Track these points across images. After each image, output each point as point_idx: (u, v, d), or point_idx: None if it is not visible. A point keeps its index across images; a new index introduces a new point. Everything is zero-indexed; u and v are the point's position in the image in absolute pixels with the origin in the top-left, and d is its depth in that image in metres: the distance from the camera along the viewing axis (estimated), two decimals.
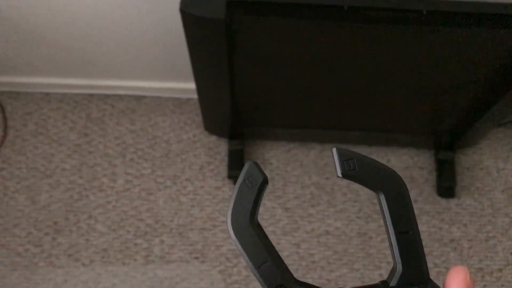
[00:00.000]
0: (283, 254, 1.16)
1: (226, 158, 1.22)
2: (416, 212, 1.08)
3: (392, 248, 0.26)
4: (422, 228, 1.17)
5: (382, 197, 0.26)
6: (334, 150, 0.26)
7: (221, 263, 1.15)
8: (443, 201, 1.21)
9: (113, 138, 1.25)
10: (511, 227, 1.20)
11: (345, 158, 0.26)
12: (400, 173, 1.09)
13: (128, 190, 1.20)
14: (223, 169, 1.22)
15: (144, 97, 1.28)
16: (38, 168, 1.22)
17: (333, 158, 0.27)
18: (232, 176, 1.20)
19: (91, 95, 1.28)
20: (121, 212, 1.19)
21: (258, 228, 0.27)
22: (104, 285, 1.14)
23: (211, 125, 1.19)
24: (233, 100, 0.99)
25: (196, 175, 1.22)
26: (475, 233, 1.19)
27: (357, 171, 0.26)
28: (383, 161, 1.23)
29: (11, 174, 1.21)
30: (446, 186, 1.21)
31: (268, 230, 1.18)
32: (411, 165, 1.24)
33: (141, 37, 1.08)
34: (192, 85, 1.11)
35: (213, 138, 1.24)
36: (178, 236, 1.17)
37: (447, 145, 1.21)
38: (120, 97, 1.28)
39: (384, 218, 0.27)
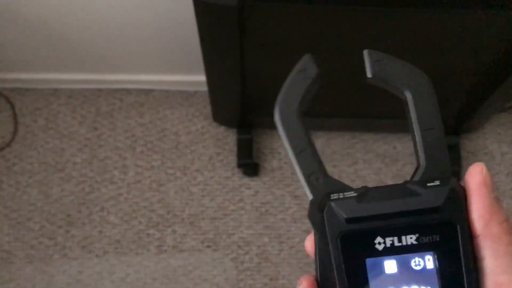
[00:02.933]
0: (294, 241, 1.18)
1: (235, 148, 1.24)
2: None
3: (417, 147, 0.27)
4: None
5: (409, 96, 0.27)
6: (366, 52, 0.27)
7: (233, 251, 1.17)
8: None
9: (123, 131, 1.26)
10: None
11: (375, 59, 0.27)
12: (406, 159, 1.13)
13: (139, 182, 1.22)
14: (232, 159, 1.24)
15: (152, 90, 1.30)
16: (49, 162, 1.24)
17: (364, 60, 0.28)
18: (241, 165, 1.22)
19: (100, 89, 1.30)
20: (133, 203, 1.20)
21: (303, 118, 0.27)
22: (118, 275, 1.15)
23: (220, 115, 1.21)
24: (243, 88, 1.01)
25: (205, 165, 1.24)
26: None
27: (387, 71, 0.27)
28: (389, 147, 1.25)
29: (23, 169, 1.23)
30: (452, 171, 1.23)
31: (278, 217, 1.20)
32: None
33: (148, 30, 1.10)
34: (199, 78, 1.13)
35: (222, 129, 1.26)
36: (189, 225, 1.19)
37: (452, 130, 1.23)
38: (128, 91, 1.30)
39: (409, 118, 0.28)
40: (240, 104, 1.09)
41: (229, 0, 0.76)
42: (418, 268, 0.26)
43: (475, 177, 0.27)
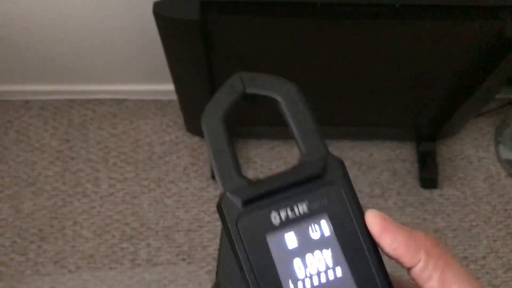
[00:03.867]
0: None
1: (209, 159, 1.22)
2: (399, 204, 1.09)
3: (296, 139, 0.30)
4: (406, 219, 1.18)
5: (281, 99, 0.31)
6: (239, 74, 0.31)
7: (209, 263, 1.15)
8: (426, 192, 1.22)
9: (95, 143, 1.24)
10: (494, 215, 1.21)
11: (249, 78, 0.31)
12: (383, 166, 1.11)
13: (112, 194, 1.20)
14: (207, 169, 1.22)
15: (125, 100, 1.28)
16: (21, 176, 1.21)
17: (240, 80, 0.31)
18: None
19: (72, 100, 1.28)
20: (106, 217, 1.18)
21: (226, 125, 0.30)
22: None
23: (193, 126, 1.19)
24: None
25: (180, 176, 1.22)
26: (459, 223, 1.20)
27: (260, 85, 0.31)
28: (366, 155, 1.24)
29: None
30: (429, 178, 1.22)
31: None
32: (393, 158, 1.25)
33: (119, 40, 1.08)
34: (173, 87, 1.11)
35: (196, 139, 1.24)
36: (164, 238, 1.17)
37: (428, 136, 1.22)
38: (100, 101, 1.28)
39: (285, 117, 0.31)
40: None
41: (192, 14, 0.75)
42: (316, 236, 0.28)
43: (374, 226, 0.28)
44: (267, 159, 1.24)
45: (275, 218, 0.28)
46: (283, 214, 0.28)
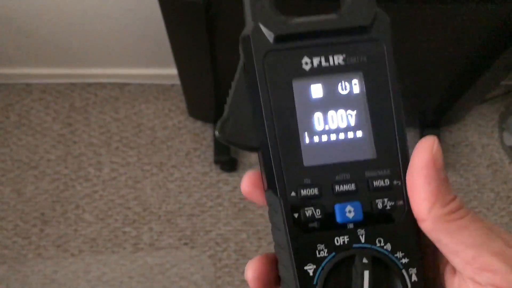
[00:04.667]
0: (272, 237, 1.16)
1: (212, 144, 1.21)
2: None
3: None
4: None
5: None
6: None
7: (211, 248, 1.15)
8: None
9: (97, 127, 1.24)
10: (497, 202, 1.21)
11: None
12: None
13: (114, 178, 1.20)
14: (210, 154, 1.21)
15: (127, 84, 1.27)
16: (23, 159, 1.21)
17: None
18: (219, 161, 1.19)
19: (74, 84, 1.27)
20: (108, 201, 1.18)
21: None
22: (93, 274, 1.13)
23: (196, 111, 1.18)
24: (216, 83, 0.99)
25: (182, 161, 1.21)
26: None
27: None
28: None
29: None
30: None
31: (256, 213, 1.18)
32: None
33: (121, 23, 1.07)
34: (175, 71, 1.10)
35: (199, 123, 1.24)
36: (166, 223, 1.17)
37: (432, 122, 1.22)
38: (103, 85, 1.27)
39: None
40: (215, 99, 1.07)
41: None
42: (344, 92, 0.26)
43: (422, 155, 0.25)
44: None
45: (306, 63, 0.26)
46: (315, 61, 0.26)
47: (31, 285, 1.12)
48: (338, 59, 0.26)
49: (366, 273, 0.25)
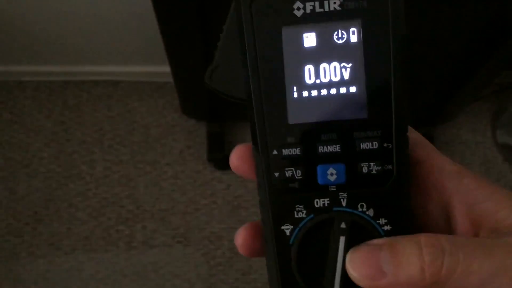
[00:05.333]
0: None
1: (205, 142, 1.21)
2: None
3: None
4: None
5: None
6: None
7: (204, 246, 1.15)
8: None
9: (90, 124, 1.23)
10: None
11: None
12: None
13: (107, 177, 1.19)
14: (203, 152, 1.21)
15: (121, 82, 1.26)
16: (15, 158, 1.20)
17: None
18: (212, 159, 1.19)
19: (67, 82, 1.26)
20: (102, 199, 1.18)
21: None
22: (87, 272, 1.13)
23: (189, 108, 1.18)
24: None
25: (176, 159, 1.21)
26: None
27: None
28: None
29: None
30: None
31: (250, 211, 1.18)
32: None
33: (114, 20, 1.07)
34: (169, 68, 1.10)
35: (192, 121, 1.23)
36: (160, 221, 1.16)
37: (426, 120, 1.22)
38: (96, 83, 1.26)
39: None
40: (208, 96, 1.06)
41: None
42: (340, 41, 0.24)
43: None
44: None
45: (298, 8, 0.23)
46: (309, 6, 0.23)
47: (24, 283, 1.11)
48: (334, 4, 0.23)
49: (342, 239, 0.24)
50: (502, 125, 1.25)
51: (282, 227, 0.25)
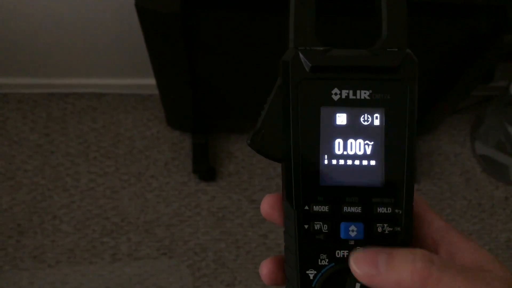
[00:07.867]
0: (251, 246, 1.17)
1: (190, 153, 1.22)
2: None
3: (382, 18, 0.30)
4: None
5: None
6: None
7: (189, 258, 1.16)
8: None
9: (75, 137, 1.23)
10: (469, 209, 1.24)
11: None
12: None
13: (92, 189, 1.19)
14: (189, 163, 1.22)
15: (105, 94, 1.27)
16: None
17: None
18: (197, 170, 1.20)
19: (51, 94, 1.27)
20: (86, 211, 1.18)
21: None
22: (71, 285, 1.13)
23: (174, 120, 1.19)
24: (194, 93, 1.00)
25: (161, 171, 1.22)
26: None
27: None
28: None
29: None
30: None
31: (235, 222, 1.19)
32: None
33: (99, 33, 1.07)
34: (153, 81, 1.11)
35: (177, 133, 1.24)
36: (145, 233, 1.17)
37: None
38: (80, 95, 1.27)
39: None
40: (193, 108, 1.08)
41: (173, 8, 0.75)
42: (366, 123, 0.29)
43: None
44: (248, 154, 1.24)
45: (335, 94, 0.29)
46: (344, 93, 0.29)
47: None
48: (364, 94, 0.29)
49: (358, 285, 0.29)
50: (480, 137, 1.28)
51: (307, 272, 0.30)
